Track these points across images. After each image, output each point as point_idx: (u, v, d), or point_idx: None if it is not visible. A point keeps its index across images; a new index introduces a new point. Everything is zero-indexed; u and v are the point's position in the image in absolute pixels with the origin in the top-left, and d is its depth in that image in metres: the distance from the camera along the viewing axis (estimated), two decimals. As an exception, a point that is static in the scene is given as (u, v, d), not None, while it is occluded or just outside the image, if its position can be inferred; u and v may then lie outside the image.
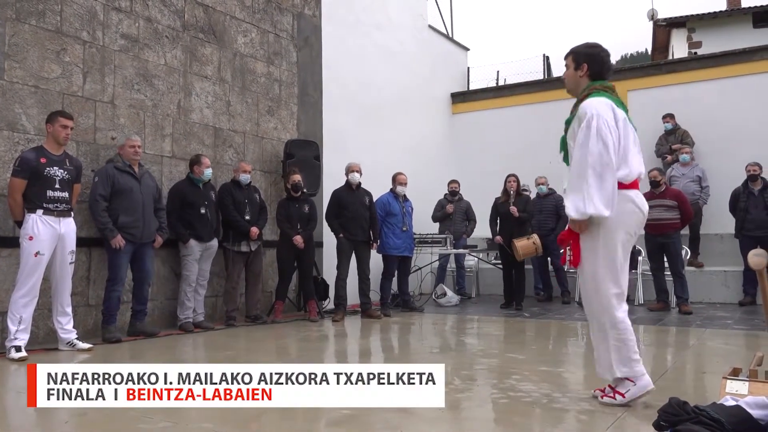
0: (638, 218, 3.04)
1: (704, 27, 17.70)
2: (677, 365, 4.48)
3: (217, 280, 6.53)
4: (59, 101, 5.32)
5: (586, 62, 3.19)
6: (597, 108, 2.99)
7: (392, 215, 7.50)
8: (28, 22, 5.16)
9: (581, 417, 2.98)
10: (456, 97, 11.63)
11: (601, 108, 2.99)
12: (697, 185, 8.55)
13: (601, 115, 2.95)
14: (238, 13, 7.14)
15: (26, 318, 4.49)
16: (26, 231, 4.52)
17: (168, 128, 6.29)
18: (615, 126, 2.97)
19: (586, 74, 3.18)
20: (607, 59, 3.22)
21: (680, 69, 9.92)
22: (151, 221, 5.51)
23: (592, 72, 3.18)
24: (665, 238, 7.27)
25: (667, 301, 7.45)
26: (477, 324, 6.84)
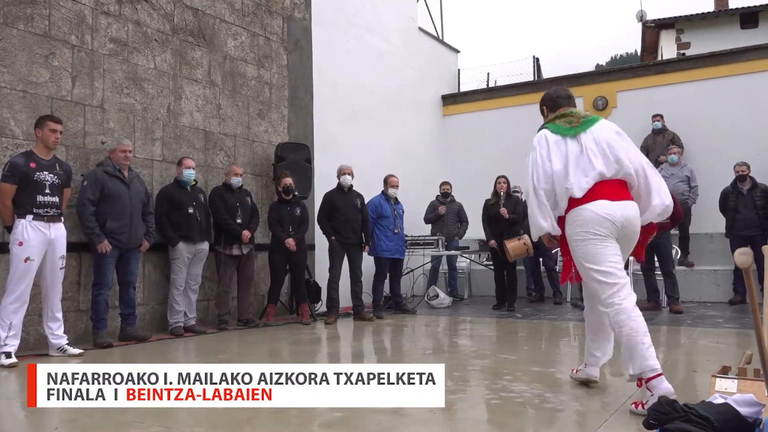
0: (607, 222, 3.07)
1: (693, 28, 17.85)
2: (668, 364, 4.50)
3: (209, 284, 6.52)
4: (48, 106, 5.30)
5: (544, 105, 3.62)
6: (533, 145, 3.34)
7: (384, 217, 7.50)
8: (16, 27, 5.14)
9: (573, 417, 2.99)
10: (447, 99, 11.66)
11: (535, 144, 3.32)
12: (686, 185, 8.61)
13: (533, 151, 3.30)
14: (227, 17, 7.13)
15: (16, 324, 4.46)
16: (16, 236, 4.49)
17: (158, 132, 6.27)
18: (544, 156, 3.23)
19: (548, 114, 3.54)
20: (555, 94, 3.58)
21: (669, 70, 10.00)
22: (138, 226, 5.48)
23: (550, 108, 3.55)
24: (655, 237, 7.26)
25: (657, 300, 7.50)
26: (469, 325, 6.85)
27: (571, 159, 3.18)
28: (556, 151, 3.22)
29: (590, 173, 3.13)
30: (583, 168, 3.15)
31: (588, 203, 3.10)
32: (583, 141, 3.21)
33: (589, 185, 3.12)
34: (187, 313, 6.03)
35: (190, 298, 6.07)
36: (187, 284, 6.01)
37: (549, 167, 3.19)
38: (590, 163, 3.14)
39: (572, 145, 3.22)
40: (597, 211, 3.07)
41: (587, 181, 3.12)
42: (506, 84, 11.63)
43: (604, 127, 3.28)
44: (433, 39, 11.72)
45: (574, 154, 3.19)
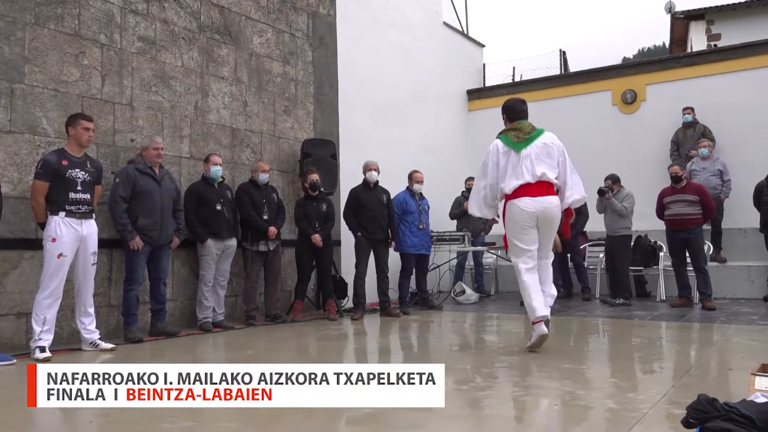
0: (525, 214, 4.45)
1: (723, 19, 17.43)
2: (702, 362, 4.42)
3: (237, 280, 6.56)
4: (78, 104, 5.37)
5: (504, 114, 4.80)
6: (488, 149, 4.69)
7: (409, 213, 7.48)
8: (47, 27, 5.22)
9: (605, 415, 2.95)
10: (472, 93, 11.57)
11: (490, 149, 4.65)
12: (719, 179, 8.42)
13: (487, 155, 4.66)
14: (253, 14, 7.16)
15: (50, 319, 4.54)
16: (49, 233, 4.57)
17: (186, 129, 6.33)
18: (495, 161, 4.58)
19: (506, 120, 4.76)
20: (514, 107, 4.74)
21: (699, 62, 9.77)
22: (169, 223, 5.55)
23: (509, 118, 4.74)
24: (687, 233, 7.17)
25: (689, 297, 7.35)
26: (497, 321, 6.81)
27: (510, 167, 4.52)
28: (501, 159, 4.56)
29: (520, 178, 4.46)
30: (517, 174, 4.48)
31: (515, 199, 4.48)
32: (522, 154, 4.50)
33: (518, 186, 4.46)
34: (216, 309, 6.08)
35: (219, 293, 6.13)
36: (215, 280, 6.07)
37: (494, 170, 4.58)
38: (522, 172, 4.46)
39: (513, 156, 4.53)
40: (520, 206, 4.46)
41: (517, 183, 4.46)
42: (532, 78, 11.50)
43: (540, 143, 4.53)
44: (457, 33, 11.64)
45: (512, 163, 4.52)
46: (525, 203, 4.43)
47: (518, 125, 4.60)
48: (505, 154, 4.54)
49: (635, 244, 8.20)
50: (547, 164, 4.49)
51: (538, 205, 4.43)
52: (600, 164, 8.96)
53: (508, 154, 4.53)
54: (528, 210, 4.42)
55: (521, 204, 4.44)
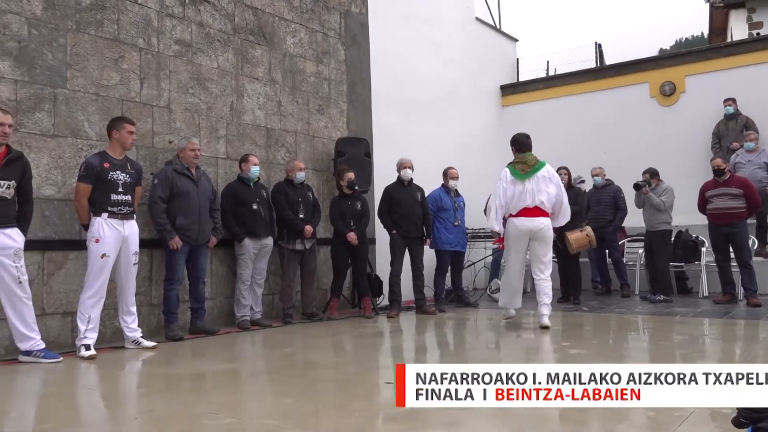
0: (518, 230, 5.70)
1: (765, 6, 16.90)
2: (747, 359, 4.30)
3: (274, 279, 6.63)
4: (119, 107, 5.49)
5: (513, 146, 5.94)
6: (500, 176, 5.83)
7: (444, 210, 7.45)
8: (87, 32, 5.35)
9: (648, 413, 2.89)
10: (505, 89, 11.45)
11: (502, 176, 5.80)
12: (765, 171, 8.14)
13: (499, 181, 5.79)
14: (286, 14, 7.21)
15: (94, 317, 4.65)
16: (92, 234, 4.68)
17: (222, 130, 6.42)
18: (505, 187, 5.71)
19: (515, 151, 5.88)
20: (522, 141, 5.88)
21: (741, 51, 9.48)
22: (206, 223, 5.63)
23: (517, 150, 5.86)
24: (730, 227, 6.98)
25: (733, 293, 7.16)
26: (533, 319, 6.71)
27: (516, 193, 5.67)
28: (509, 186, 5.70)
29: (522, 203, 5.64)
30: (520, 200, 5.65)
31: (515, 218, 5.70)
32: (525, 185, 5.65)
33: (519, 208, 5.66)
34: (253, 307, 6.15)
35: (256, 292, 6.20)
36: (252, 279, 6.14)
37: (504, 195, 5.72)
38: (524, 198, 5.64)
39: (519, 185, 5.67)
40: (517, 224, 5.69)
41: (519, 206, 5.66)
42: (567, 72, 11.33)
43: (540, 176, 5.66)
44: (490, 28, 11.53)
45: (518, 191, 5.67)
46: (521, 222, 5.67)
47: (524, 158, 5.72)
48: (512, 183, 5.69)
49: (676, 240, 8.02)
50: (546, 194, 5.65)
51: (531, 224, 5.66)
52: (638, 158, 8.79)
53: (515, 183, 5.68)
54: (521, 228, 5.67)
55: (518, 222, 5.69)
